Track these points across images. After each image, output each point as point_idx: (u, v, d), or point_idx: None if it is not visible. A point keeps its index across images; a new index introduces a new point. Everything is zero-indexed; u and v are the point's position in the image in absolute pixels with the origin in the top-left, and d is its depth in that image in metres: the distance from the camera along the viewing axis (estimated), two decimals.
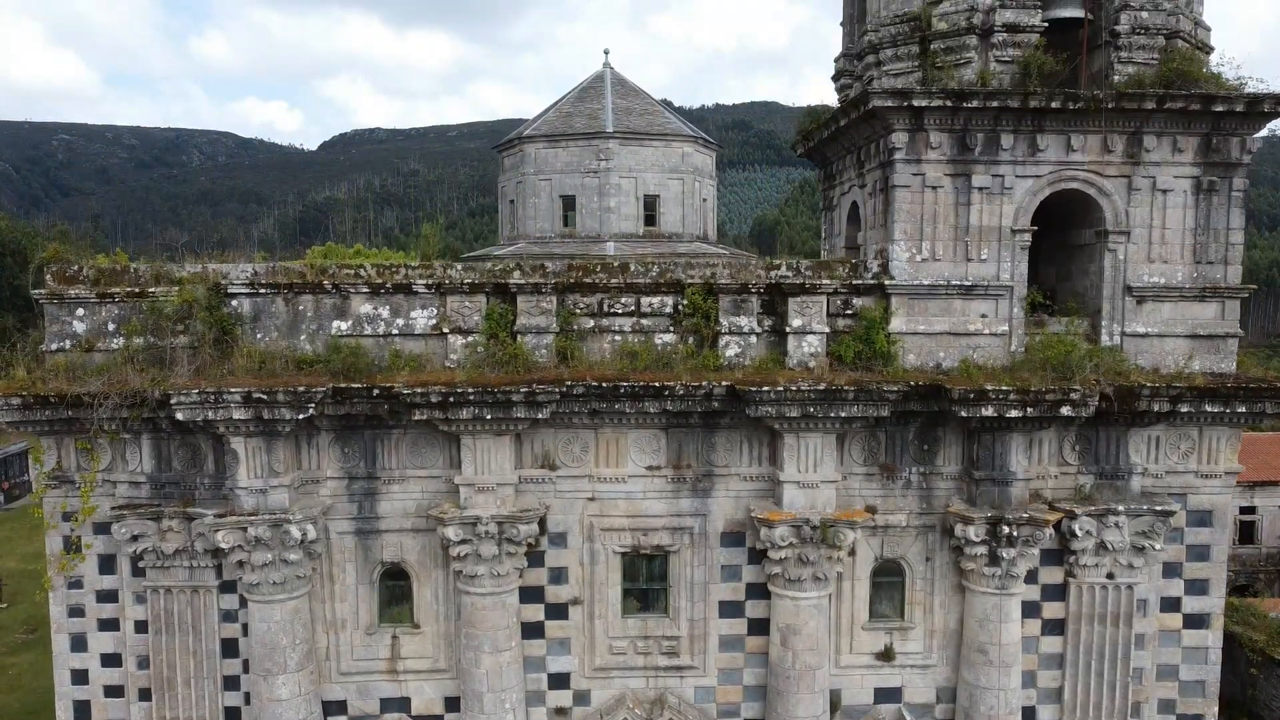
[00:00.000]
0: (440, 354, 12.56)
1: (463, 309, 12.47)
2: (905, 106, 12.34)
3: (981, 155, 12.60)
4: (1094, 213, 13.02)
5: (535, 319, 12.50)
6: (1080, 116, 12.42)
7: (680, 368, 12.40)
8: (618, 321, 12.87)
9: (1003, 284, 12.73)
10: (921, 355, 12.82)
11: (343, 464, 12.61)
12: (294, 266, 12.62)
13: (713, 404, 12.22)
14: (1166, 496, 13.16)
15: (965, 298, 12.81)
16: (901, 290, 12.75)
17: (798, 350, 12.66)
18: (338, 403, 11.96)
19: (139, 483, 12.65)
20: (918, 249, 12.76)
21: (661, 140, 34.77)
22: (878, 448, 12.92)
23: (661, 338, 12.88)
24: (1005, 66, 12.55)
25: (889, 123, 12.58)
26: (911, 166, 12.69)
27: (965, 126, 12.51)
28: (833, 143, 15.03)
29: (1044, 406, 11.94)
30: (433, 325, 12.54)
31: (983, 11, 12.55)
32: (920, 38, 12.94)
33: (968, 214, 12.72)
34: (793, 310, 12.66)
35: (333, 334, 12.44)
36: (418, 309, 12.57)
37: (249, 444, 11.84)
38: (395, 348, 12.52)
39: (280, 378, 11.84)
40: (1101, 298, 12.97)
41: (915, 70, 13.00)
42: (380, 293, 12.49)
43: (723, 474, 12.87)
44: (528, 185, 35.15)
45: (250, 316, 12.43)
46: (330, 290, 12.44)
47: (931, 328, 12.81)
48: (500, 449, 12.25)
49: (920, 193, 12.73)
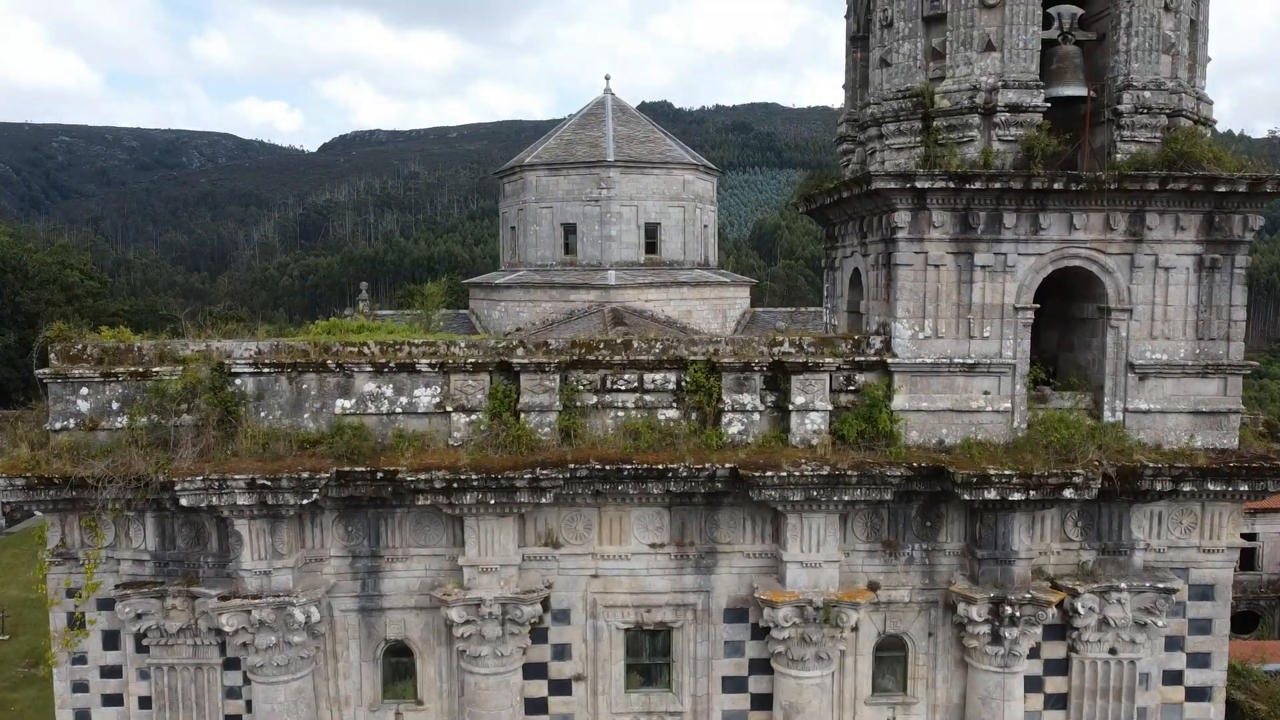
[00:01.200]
0: (444, 432, 12.58)
1: (466, 387, 12.50)
2: (908, 188, 12.37)
3: (984, 234, 12.62)
4: (1096, 288, 13.04)
5: (538, 397, 12.53)
6: (1083, 197, 12.46)
7: (683, 447, 12.43)
8: (621, 398, 12.90)
9: (1005, 361, 12.76)
10: (924, 432, 12.85)
11: (346, 542, 12.64)
12: (297, 345, 12.64)
13: (716, 485, 12.25)
14: (1169, 571, 13.19)
15: (968, 375, 12.84)
16: (904, 368, 12.78)
17: (800, 428, 12.69)
18: (341, 485, 11.98)
19: (143, 560, 12.68)
20: (920, 327, 12.79)
21: (663, 168, 34.85)
22: (880, 524, 12.95)
23: (664, 414, 12.91)
24: (1008, 146, 12.57)
25: (892, 202, 12.61)
26: (914, 245, 12.71)
27: (968, 206, 12.54)
28: (835, 208, 15.05)
29: (1047, 489, 11.96)
30: (436, 403, 12.57)
31: (985, 91, 12.57)
32: (923, 114, 12.96)
33: (970, 292, 12.75)
34: (795, 388, 12.69)
35: (336, 413, 12.47)
36: (421, 387, 12.60)
37: (253, 526, 11.87)
38: (399, 426, 12.55)
39: (284, 460, 11.86)
40: (1104, 374, 12.99)
41: (918, 146, 13.02)
42: (384, 372, 12.52)
43: (726, 551, 12.91)
44: (529, 213, 35.21)
45: (254, 395, 12.45)
46: (334, 369, 12.46)
47: (934, 405, 12.84)
48: (503, 529, 12.28)
49: (923, 271, 12.76)
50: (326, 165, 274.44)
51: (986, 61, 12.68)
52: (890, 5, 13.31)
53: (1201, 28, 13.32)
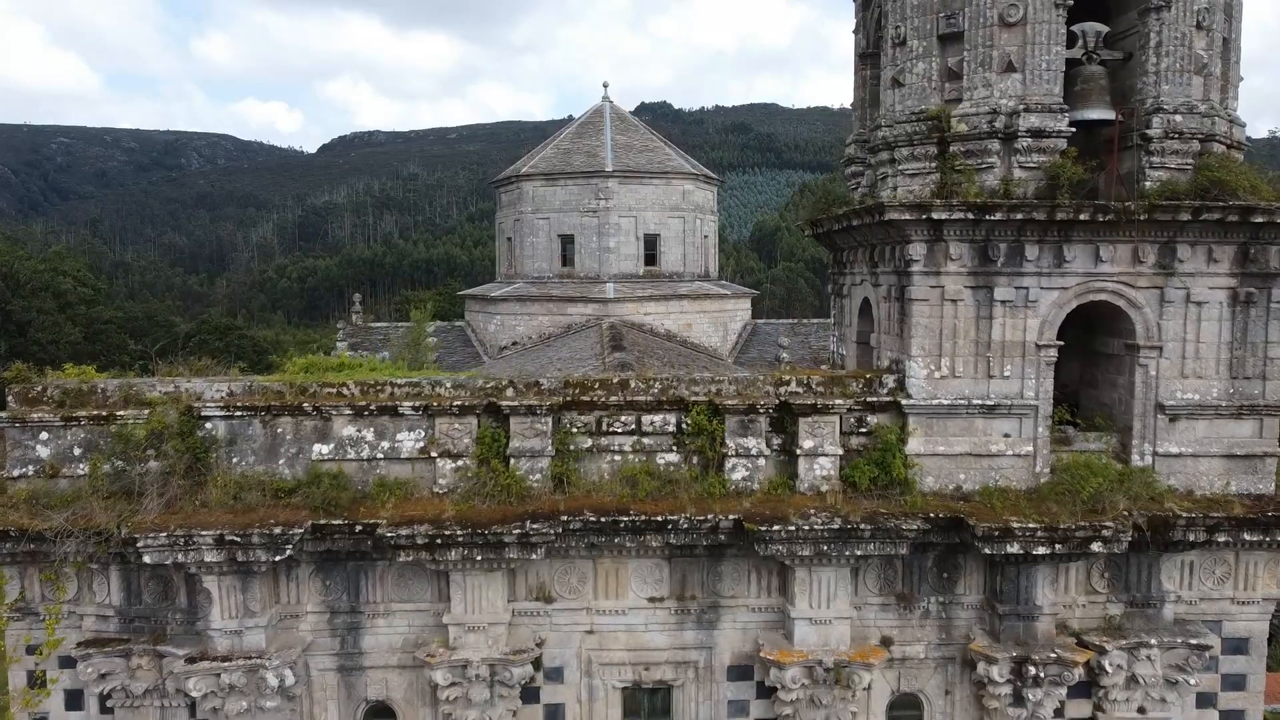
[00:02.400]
0: (428, 479, 11.79)
1: (452, 431, 11.70)
2: (924, 219, 11.59)
3: (1004, 267, 11.84)
4: (1123, 323, 12.26)
5: (529, 442, 11.74)
6: (1110, 228, 11.67)
7: (684, 495, 11.64)
8: (617, 441, 12.11)
9: (1027, 402, 11.97)
10: (940, 478, 12.06)
11: (324, 597, 11.84)
12: (272, 386, 11.85)
13: (719, 537, 11.46)
14: (1200, 624, 12.40)
15: (987, 417, 12.05)
16: (919, 410, 11.99)
17: (809, 473, 11.90)
18: (318, 539, 11.19)
19: (107, 616, 11.89)
20: (936, 365, 12.00)
21: (662, 178, 34.08)
22: (894, 576, 12.16)
23: (664, 458, 12.12)
24: (1030, 173, 11.78)
25: (906, 233, 11.82)
26: (929, 279, 11.93)
27: (987, 237, 11.75)
28: (844, 234, 14.27)
29: (1074, 543, 11.18)
30: (420, 448, 11.78)
31: (1005, 115, 11.78)
32: (938, 139, 12.17)
33: (990, 328, 11.96)
34: (803, 431, 11.90)
35: (314, 459, 11.68)
36: (404, 431, 11.81)
37: (222, 583, 11.08)
38: (380, 473, 11.75)
39: (256, 511, 11.08)
40: (1132, 415, 12.20)
41: (933, 172, 12.22)
42: (364, 415, 11.73)
43: (729, 605, 12.11)
44: (525, 223, 34.45)
45: (225, 440, 11.66)
46: (311, 412, 11.67)
47: (951, 449, 12.06)
48: (491, 584, 11.49)
49: (939, 306, 11.97)
50: (326, 166, 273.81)
51: (1007, 83, 11.89)
52: (903, 22, 12.52)
53: (1234, 46, 12.52)
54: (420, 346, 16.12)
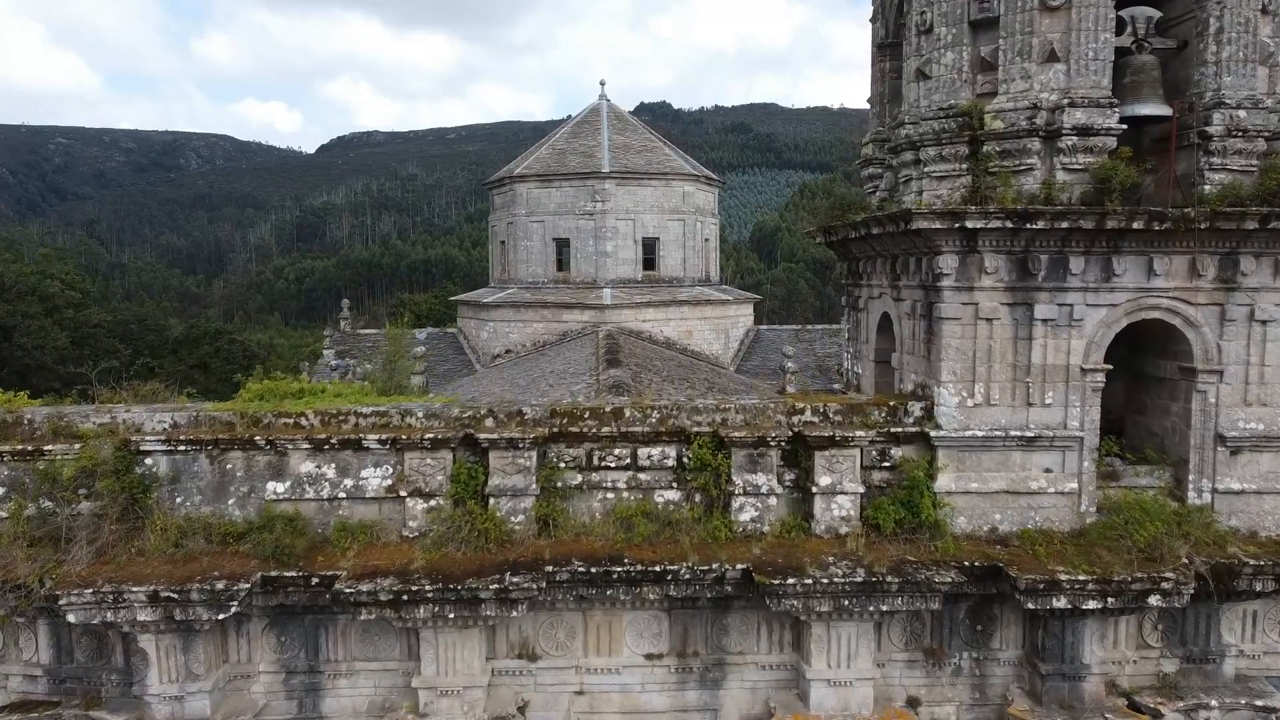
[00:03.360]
0: (397, 520, 10.46)
1: (423, 467, 10.37)
2: (956, 228, 10.27)
3: (1046, 282, 10.51)
4: (1177, 343, 10.94)
5: (511, 479, 10.40)
6: (1166, 237, 10.35)
7: (686, 540, 10.31)
8: (610, 476, 10.77)
9: (1071, 434, 10.63)
10: (973, 518, 10.73)
11: (279, 655, 10.49)
12: (221, 416, 10.51)
13: (725, 588, 10.12)
14: (1264, 682, 11.06)
15: (1026, 450, 10.71)
16: (950, 442, 10.66)
17: (826, 514, 10.57)
18: (269, 593, 9.86)
19: (35, 676, 10.56)
20: (969, 392, 10.67)
21: (661, 179, 32.72)
22: (922, 629, 10.82)
23: (663, 496, 10.79)
24: (1074, 176, 10.45)
25: (935, 243, 10.50)
26: (962, 295, 10.60)
27: (1027, 248, 10.43)
28: (861, 243, 12.94)
29: (1129, 597, 9.84)
30: (387, 487, 10.44)
31: (1047, 110, 10.44)
32: (970, 137, 10.83)
33: (1029, 350, 10.63)
34: (819, 466, 10.57)
35: (268, 498, 10.34)
36: (370, 467, 10.47)
37: (161, 642, 9.75)
38: (342, 515, 10.42)
39: (200, 561, 9.75)
40: (1187, 447, 10.86)
41: (963, 175, 10.89)
42: (324, 449, 10.39)
43: (737, 662, 10.76)
44: (519, 227, 33.11)
45: (168, 478, 10.33)
46: (264, 446, 10.34)
47: (986, 486, 10.73)
48: (467, 643, 10.14)
49: (972, 325, 10.64)
50: (324, 167, 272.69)
51: (1048, 74, 10.55)
52: (929, 7, 11.18)
53: None
54: (397, 366, 14.81)
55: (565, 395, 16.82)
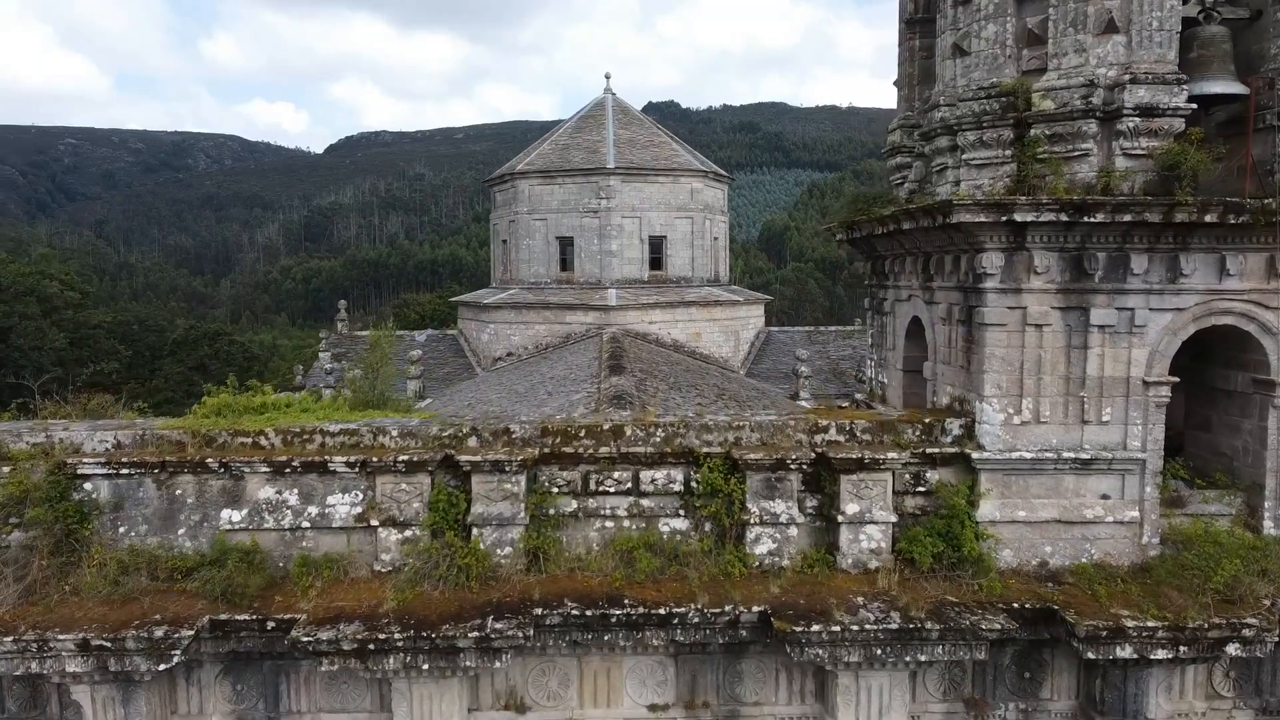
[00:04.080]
0: (367, 553, 9.27)
1: (397, 494, 9.17)
2: (1003, 221, 9.01)
3: (1103, 283, 9.24)
4: (1250, 352, 9.66)
5: (496, 506, 9.19)
6: (1241, 232, 9.07)
7: (694, 576, 9.08)
8: (609, 503, 9.56)
9: (1131, 455, 9.36)
10: (1020, 551, 9.48)
11: (234, 704, 9.30)
12: (171, 435, 9.33)
13: (740, 632, 8.88)
14: None
15: (1080, 473, 9.45)
16: (994, 464, 9.40)
17: (853, 546, 9.33)
18: (219, 638, 8.67)
19: None
20: (1015, 408, 9.41)
21: (668, 175, 31.45)
22: (962, 677, 9.55)
23: (669, 525, 9.57)
24: (1136, 163, 9.18)
25: (977, 239, 9.24)
26: (1007, 298, 9.34)
27: (1082, 245, 9.17)
28: (887, 239, 11.69)
29: (1203, 645, 8.57)
30: (357, 515, 9.25)
31: (1104, 88, 9.18)
32: (1015, 120, 9.57)
33: (1084, 361, 9.36)
34: (846, 492, 9.33)
35: (222, 528, 9.16)
36: (337, 493, 9.28)
37: (97, 694, 8.57)
38: (306, 547, 9.23)
39: (140, 602, 8.57)
40: (1263, 469, 9.59)
41: (1007, 161, 9.63)
42: (286, 472, 9.21)
43: (752, 713, 9.51)
44: (521, 225, 31.89)
45: (109, 505, 9.16)
46: (218, 470, 9.16)
47: (1034, 514, 9.47)
48: (445, 694, 8.92)
49: (1019, 333, 9.38)
50: (332, 167, 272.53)
51: (1106, 47, 9.28)
52: None
53: None
54: (380, 373, 13.60)
55: (564, 405, 15.64)
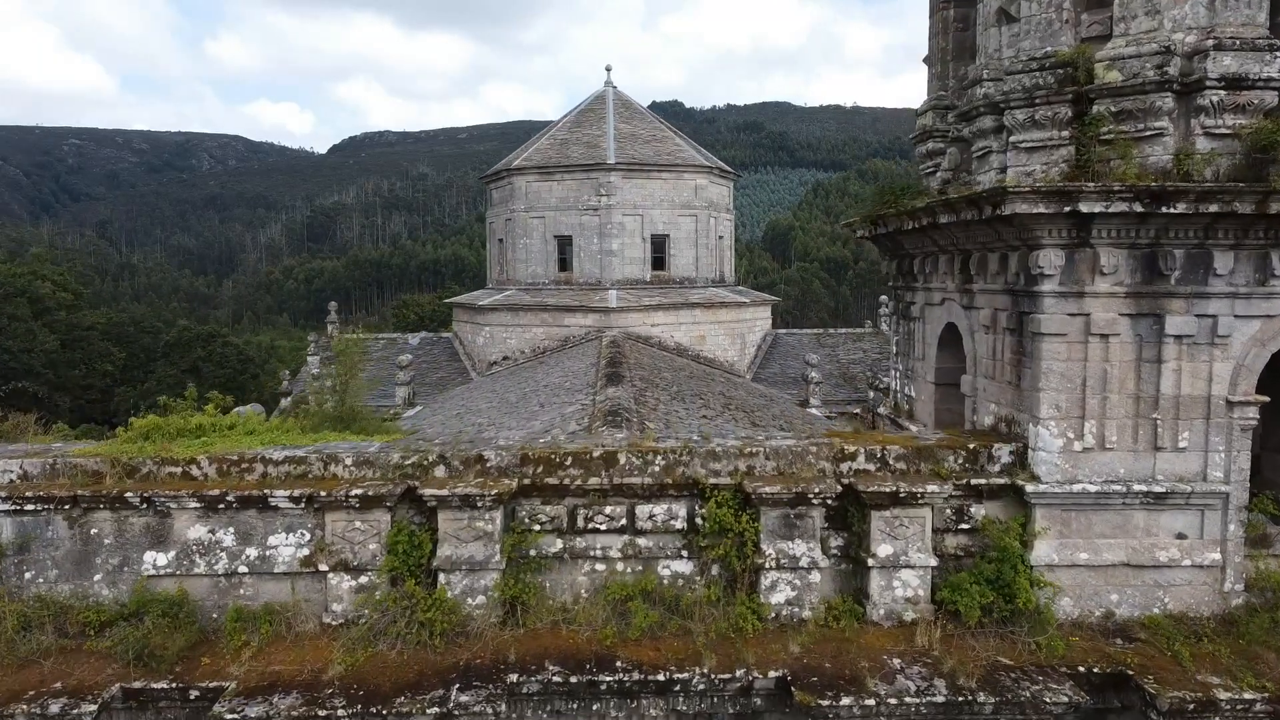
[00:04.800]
0: (315, 603, 7.91)
1: (351, 533, 7.82)
2: (1064, 212, 7.62)
3: (1181, 284, 7.86)
4: None
5: (466, 548, 7.83)
6: None
7: (699, 631, 7.70)
8: (600, 542, 8.19)
9: (1212, 488, 7.97)
10: (1082, 599, 8.10)
11: None
12: (86, 464, 7.99)
13: (754, 700, 7.50)
14: None
15: (1152, 508, 8.06)
16: (1051, 499, 8.02)
17: (886, 594, 7.95)
18: (133, 710, 7.31)
19: None
20: (1076, 432, 8.02)
21: (671, 171, 30.03)
22: None
23: (669, 567, 8.20)
24: (1220, 143, 7.78)
25: (1033, 234, 7.86)
26: (1068, 303, 7.95)
27: (1156, 240, 7.78)
28: (916, 235, 10.31)
29: None
30: (304, 558, 7.89)
31: (1182, 56, 7.79)
32: (1073, 95, 8.18)
33: (1157, 377, 7.97)
34: (878, 530, 7.94)
35: (144, 573, 7.82)
36: (280, 532, 7.93)
37: None
38: (243, 596, 7.88)
39: (41, 666, 7.22)
40: None
41: (1064, 144, 8.25)
42: (221, 508, 7.86)
43: None
44: (517, 223, 30.51)
45: (13, 547, 7.82)
46: (141, 505, 7.82)
47: (1098, 557, 8.08)
48: None
49: (1081, 344, 7.99)
50: (336, 167, 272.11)
51: (1184, 9, 7.90)
52: None
53: None
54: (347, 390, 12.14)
55: (556, 419, 14.28)
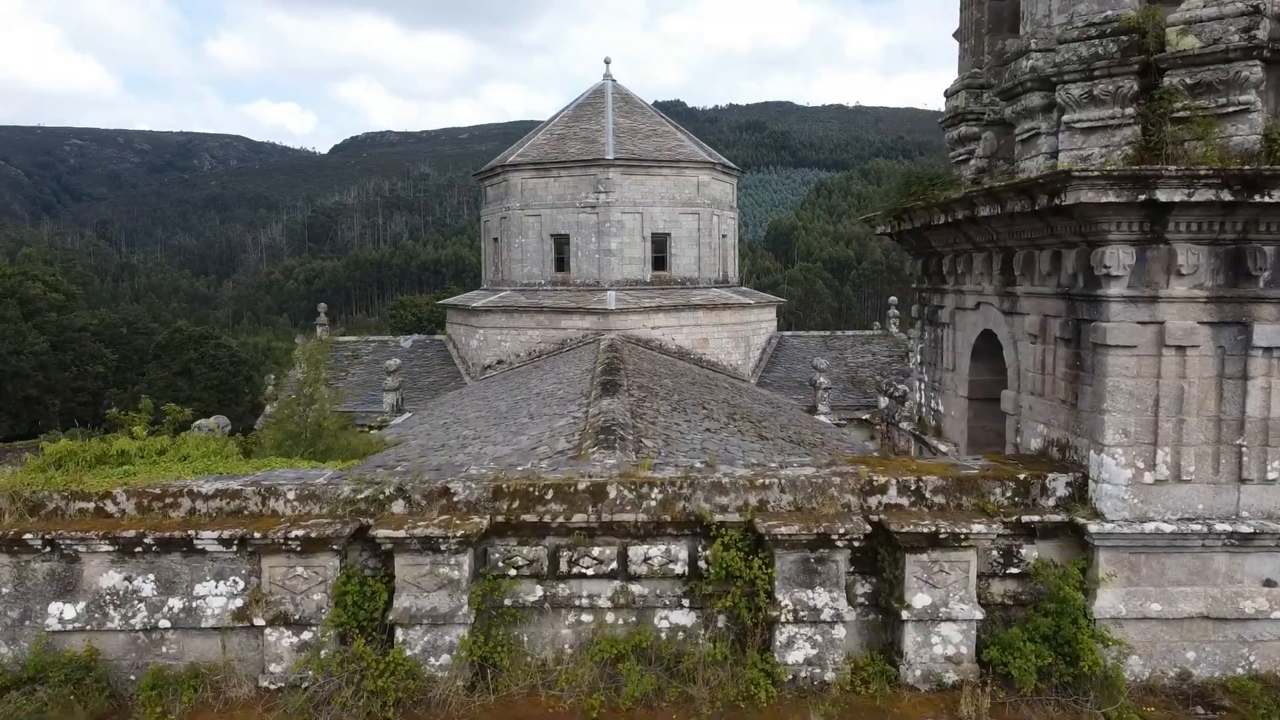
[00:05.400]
0: (252, 661, 6.71)
1: (292, 581, 6.62)
2: (1139, 201, 6.41)
3: (1270, 288, 6.65)
4: None
5: (428, 598, 6.64)
6: None
7: (704, 698, 6.49)
8: (586, 589, 6.99)
9: None
10: (1153, 658, 6.88)
11: None
12: None
13: None
14: None
15: (1237, 551, 6.86)
16: (1119, 540, 6.81)
17: (923, 651, 6.74)
18: None
19: None
20: (1147, 460, 6.81)
21: (673, 167, 28.85)
22: None
23: (668, 619, 7.00)
24: None
25: (1098, 227, 6.65)
26: (1138, 309, 6.74)
27: (1244, 235, 6.57)
28: (951, 230, 9.11)
29: None
30: (236, 610, 6.70)
31: (1273, 18, 6.59)
32: (1140, 65, 6.99)
33: (1243, 396, 6.76)
34: (913, 577, 6.74)
35: (48, 629, 6.63)
36: (209, 580, 6.73)
37: None
38: (166, 655, 6.68)
39: None
40: None
41: (1128, 123, 7.05)
42: (138, 552, 6.66)
43: None
44: (513, 221, 29.35)
45: None
46: (43, 549, 6.63)
47: (1173, 608, 6.87)
48: None
49: (1154, 357, 6.78)
50: (337, 167, 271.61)
51: None
52: None
53: None
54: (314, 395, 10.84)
55: (544, 433, 13.10)
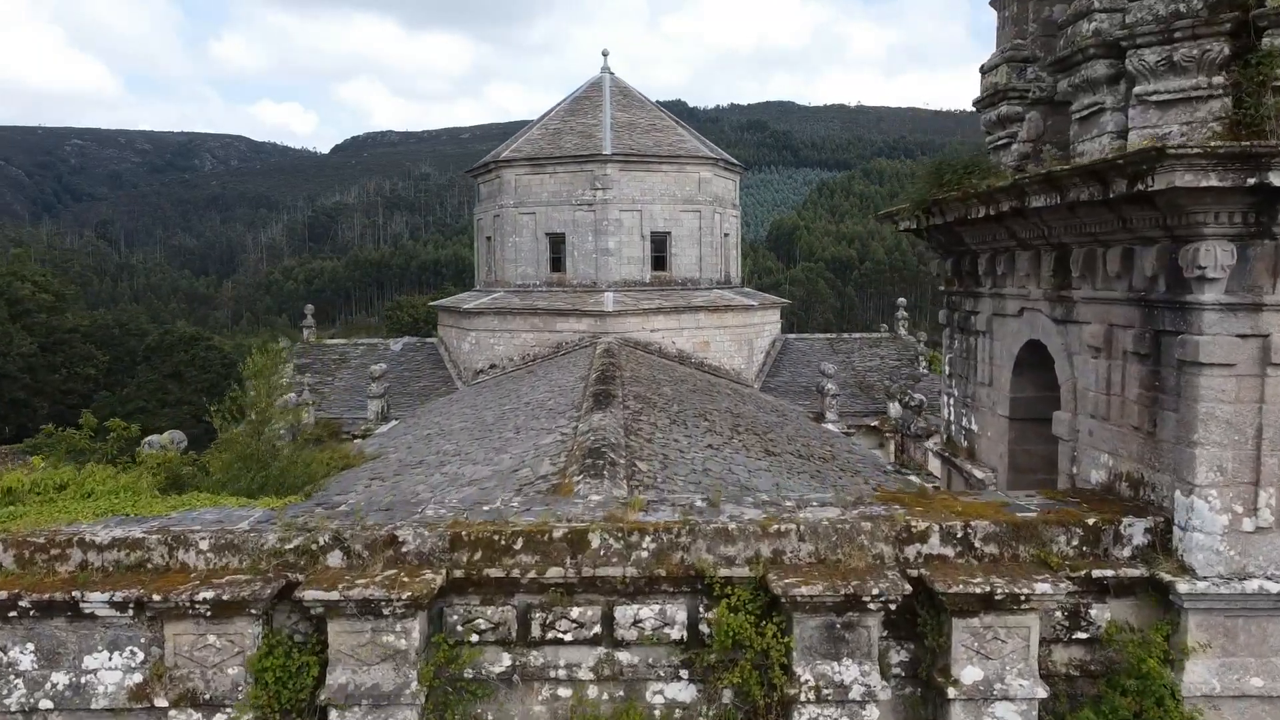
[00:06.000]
0: None
1: (201, 651, 5.41)
2: (1245, 186, 5.19)
3: None
4: None
5: (369, 672, 5.42)
6: None
7: None
8: (564, 657, 5.77)
9: None
10: None
11: None
12: None
13: None
14: None
15: None
16: (1213, 601, 5.58)
17: None
18: None
19: None
20: (1248, 505, 5.58)
21: (673, 163, 27.63)
22: None
23: (663, 693, 5.77)
24: None
25: (1190, 217, 5.42)
26: (1238, 320, 5.51)
27: None
28: (992, 224, 7.88)
29: None
30: (134, 687, 5.49)
31: None
32: (1232, 25, 5.76)
33: None
34: (961, 645, 5.52)
35: None
36: (101, 650, 5.52)
37: None
38: None
39: None
40: None
41: (1216, 94, 5.82)
42: (11, 617, 5.45)
43: None
44: (506, 220, 28.15)
45: None
46: None
47: (1276, 685, 5.64)
48: None
49: (1257, 378, 5.55)
50: (338, 167, 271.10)
51: None
52: None
53: None
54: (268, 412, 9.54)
55: (528, 452, 11.88)
